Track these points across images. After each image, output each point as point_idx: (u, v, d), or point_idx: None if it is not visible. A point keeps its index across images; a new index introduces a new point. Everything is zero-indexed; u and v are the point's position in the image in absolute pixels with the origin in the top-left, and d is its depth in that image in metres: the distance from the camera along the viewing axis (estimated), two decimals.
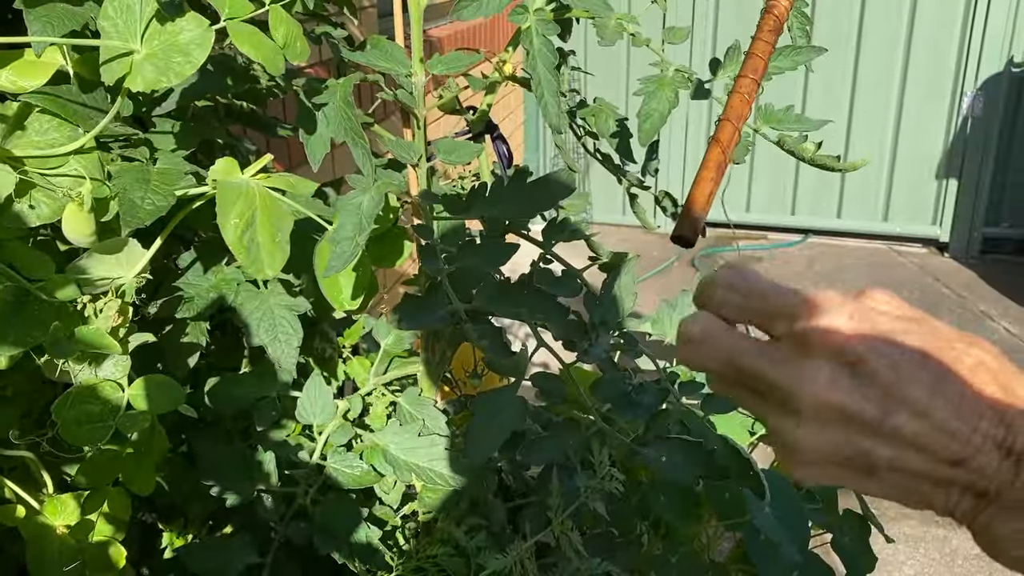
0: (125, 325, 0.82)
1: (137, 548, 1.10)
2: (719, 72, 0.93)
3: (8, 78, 0.77)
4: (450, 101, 0.98)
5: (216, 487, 0.98)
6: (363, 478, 0.97)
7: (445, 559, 0.88)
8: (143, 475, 0.87)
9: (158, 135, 0.92)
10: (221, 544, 1.00)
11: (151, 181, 0.82)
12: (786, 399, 0.38)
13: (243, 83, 1.00)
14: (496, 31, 3.78)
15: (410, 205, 1.06)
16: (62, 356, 0.76)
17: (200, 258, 0.98)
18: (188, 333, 0.97)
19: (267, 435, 1.05)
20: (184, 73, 0.72)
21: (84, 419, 0.76)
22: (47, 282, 0.79)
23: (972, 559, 2.25)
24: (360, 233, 0.73)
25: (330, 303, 1.09)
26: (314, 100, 0.84)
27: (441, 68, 0.85)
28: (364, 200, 0.74)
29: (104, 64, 0.74)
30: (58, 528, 0.92)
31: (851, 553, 1.36)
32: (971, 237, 4.17)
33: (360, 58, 0.83)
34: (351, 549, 0.96)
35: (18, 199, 0.75)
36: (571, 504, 0.89)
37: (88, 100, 0.82)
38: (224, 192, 0.79)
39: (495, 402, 0.87)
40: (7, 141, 0.76)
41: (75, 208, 0.77)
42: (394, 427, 0.99)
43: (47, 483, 0.94)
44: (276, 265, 0.82)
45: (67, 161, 0.80)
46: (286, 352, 0.93)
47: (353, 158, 0.83)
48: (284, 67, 0.77)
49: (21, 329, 0.75)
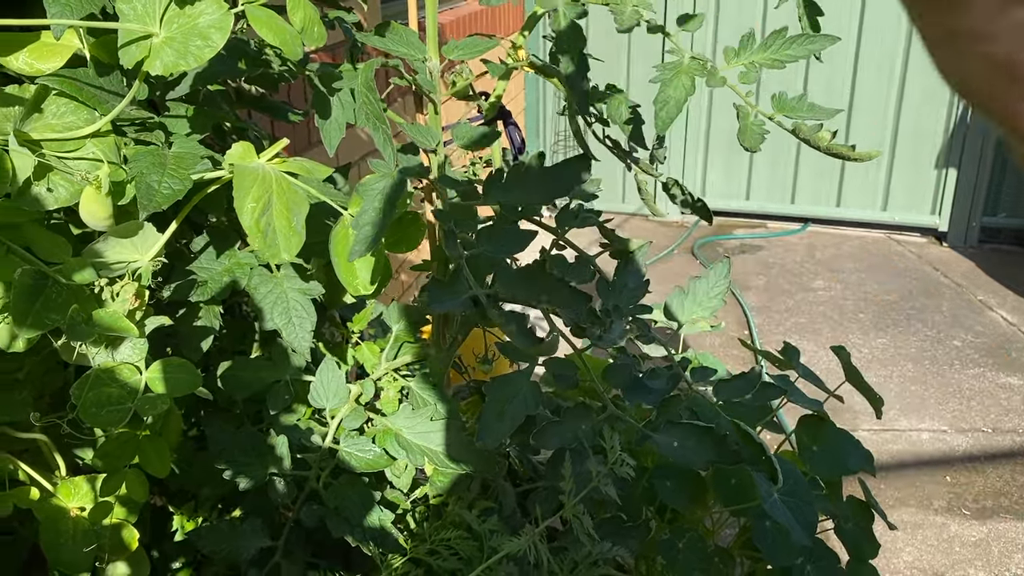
0: (142, 308, 0.82)
1: (148, 531, 1.11)
2: (732, 60, 0.93)
3: (26, 60, 0.77)
4: (463, 87, 0.98)
5: (229, 470, 0.98)
6: (375, 462, 0.97)
7: (459, 542, 0.89)
8: (159, 457, 0.88)
9: (172, 119, 0.92)
10: (233, 527, 1.01)
11: (167, 165, 0.82)
12: None
13: (256, 68, 1.00)
14: (497, 18, 3.76)
15: (421, 191, 1.06)
16: (80, 339, 0.76)
17: (213, 242, 0.99)
18: (201, 317, 0.98)
19: (278, 419, 1.06)
20: (203, 57, 0.72)
21: (103, 401, 0.76)
22: (64, 265, 0.79)
23: (969, 546, 2.27)
24: (383, 218, 0.73)
25: (343, 288, 1.10)
26: (334, 85, 0.83)
27: (458, 53, 0.85)
28: (387, 185, 0.75)
29: (123, 47, 0.74)
30: (72, 510, 0.93)
31: (854, 539, 1.37)
32: (969, 227, 4.19)
33: (377, 43, 0.83)
34: (364, 532, 0.96)
35: (36, 182, 0.76)
36: (583, 488, 0.90)
37: (104, 83, 0.82)
38: (241, 176, 0.80)
39: (509, 387, 0.87)
40: (25, 124, 0.76)
41: (92, 191, 0.77)
42: (406, 411, 1.00)
43: (60, 466, 0.95)
44: (292, 249, 0.83)
45: (84, 144, 0.80)
46: (300, 336, 0.93)
47: (355, 145, 0.83)
48: (302, 52, 0.77)
49: (40, 312, 0.75)
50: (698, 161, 4.52)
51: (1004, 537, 2.29)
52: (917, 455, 2.62)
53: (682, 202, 1.15)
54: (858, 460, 1.29)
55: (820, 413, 1.27)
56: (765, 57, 0.89)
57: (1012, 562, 2.22)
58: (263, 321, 0.95)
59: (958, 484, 2.50)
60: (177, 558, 1.17)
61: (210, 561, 1.13)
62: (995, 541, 2.28)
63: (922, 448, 2.65)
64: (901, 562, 2.24)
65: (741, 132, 0.87)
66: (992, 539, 2.29)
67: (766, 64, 0.89)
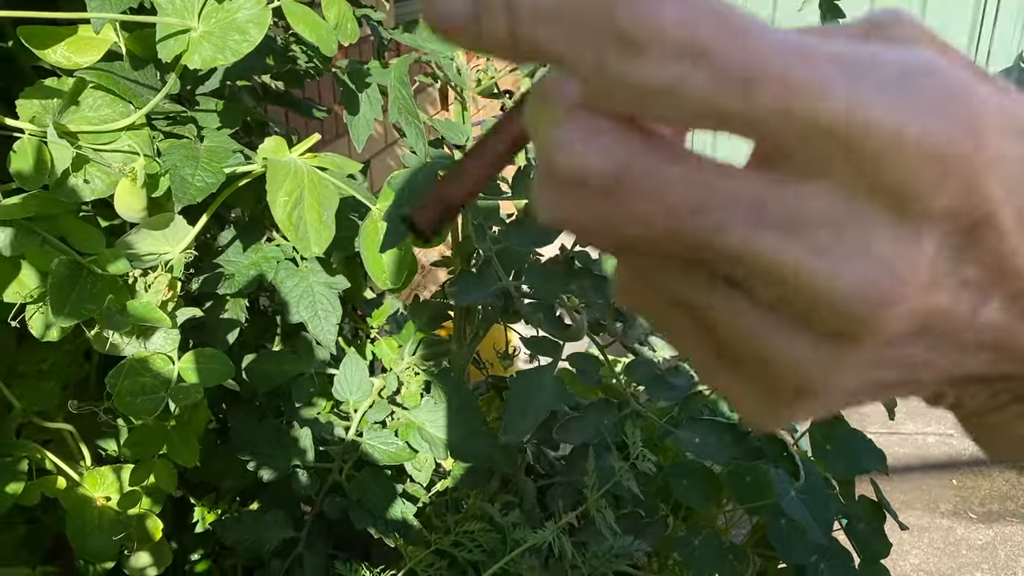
0: (174, 300, 0.83)
1: (169, 522, 1.12)
2: None
3: (64, 54, 0.78)
4: (488, 85, 0.99)
5: (252, 462, 0.99)
6: (398, 454, 0.98)
7: (482, 534, 0.90)
8: (187, 447, 0.89)
9: (202, 113, 0.93)
10: (255, 519, 1.02)
11: (200, 159, 0.83)
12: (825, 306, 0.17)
13: (283, 64, 1.01)
14: None
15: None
16: (116, 328, 0.77)
17: (239, 236, 1.00)
18: (227, 310, 0.99)
19: (300, 412, 1.07)
20: (241, 51, 0.73)
21: (138, 391, 0.77)
22: (99, 256, 0.80)
23: (976, 549, 2.28)
24: None
25: (363, 283, 1.11)
26: (368, 80, 0.84)
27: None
28: (419, 178, 0.76)
29: (161, 41, 0.75)
30: (98, 499, 0.94)
31: (865, 539, 1.38)
32: None
33: (408, 40, 0.84)
34: (387, 524, 0.97)
35: (73, 173, 0.77)
36: (605, 483, 0.91)
37: (139, 77, 0.83)
38: (274, 170, 0.81)
39: (533, 382, 0.88)
40: (62, 116, 0.77)
41: (128, 183, 0.78)
42: (429, 405, 1.01)
43: (85, 455, 0.96)
44: (323, 243, 0.83)
45: (119, 137, 0.81)
46: (326, 329, 0.94)
47: (372, 136, 0.84)
48: (337, 47, 0.78)
49: (76, 301, 0.76)
50: None
51: (1011, 541, 2.30)
52: (924, 458, 2.63)
53: None
54: (872, 460, 1.29)
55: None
56: None
57: (1018, 565, 2.23)
58: (289, 314, 0.96)
59: (964, 487, 2.51)
60: (196, 549, 1.18)
61: (229, 552, 1.14)
62: (1001, 544, 2.29)
63: (928, 451, 2.66)
64: (908, 564, 2.25)
65: None
66: (999, 542, 2.30)
67: None
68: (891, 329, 0.17)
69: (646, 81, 0.16)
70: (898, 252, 0.17)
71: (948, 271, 0.17)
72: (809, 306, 0.17)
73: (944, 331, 0.18)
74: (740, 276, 0.18)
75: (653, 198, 0.17)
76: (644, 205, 0.17)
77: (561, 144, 0.17)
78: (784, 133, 0.17)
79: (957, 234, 0.17)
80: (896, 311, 0.17)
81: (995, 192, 0.17)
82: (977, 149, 0.16)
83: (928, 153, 0.16)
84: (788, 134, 0.17)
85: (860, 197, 0.17)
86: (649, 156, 0.17)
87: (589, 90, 0.17)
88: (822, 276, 0.17)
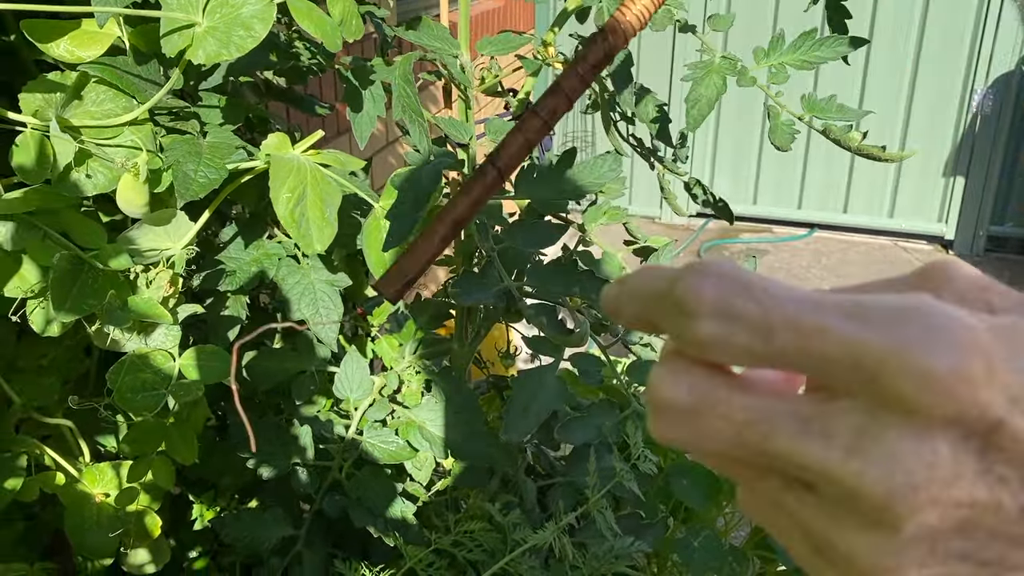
0: (175, 296, 0.83)
1: (168, 519, 1.12)
2: (761, 60, 0.94)
3: (67, 48, 0.78)
4: (492, 83, 0.98)
5: (252, 459, 0.99)
6: (398, 453, 0.98)
7: (482, 534, 0.90)
8: (186, 444, 0.89)
9: (205, 109, 0.92)
10: (255, 516, 1.01)
11: (203, 154, 0.83)
12: (864, 501, 0.21)
13: (286, 60, 1.01)
14: (508, 16, 3.78)
15: (447, 186, 1.07)
16: (116, 324, 0.77)
17: (241, 232, 0.99)
18: (228, 307, 0.98)
19: (300, 410, 1.06)
20: (246, 47, 0.73)
21: (138, 387, 0.77)
22: (100, 251, 0.79)
23: None
24: (418, 209, 0.74)
25: (364, 281, 1.10)
26: (372, 77, 0.84)
27: (491, 49, 0.86)
28: (422, 177, 0.75)
29: (165, 36, 0.75)
30: (97, 496, 0.93)
31: None
32: (976, 235, 4.19)
33: (412, 37, 0.83)
34: (386, 523, 0.97)
35: (76, 168, 0.76)
36: (607, 483, 0.90)
37: (142, 72, 0.83)
38: (277, 166, 0.80)
39: (535, 381, 0.88)
40: (65, 110, 0.77)
41: (130, 178, 0.78)
42: (429, 404, 1.00)
43: (84, 452, 0.96)
44: (325, 240, 0.83)
45: (121, 132, 0.80)
46: (327, 326, 0.94)
47: (372, 134, 0.84)
48: (341, 44, 0.78)
49: (77, 297, 0.76)
50: (705, 165, 4.53)
51: None
52: None
53: (703, 202, 1.16)
54: None
55: None
56: (794, 58, 0.89)
57: None
58: (290, 312, 0.96)
59: None
60: (195, 546, 1.18)
61: (228, 550, 1.13)
62: None
63: None
64: None
65: (772, 131, 0.88)
66: None
67: (795, 65, 0.90)
68: (920, 516, 0.21)
69: (700, 337, 0.22)
70: (911, 451, 0.21)
71: (978, 469, 0.21)
72: (852, 499, 0.21)
73: (995, 526, 0.21)
74: (810, 479, 0.23)
75: (721, 419, 0.23)
76: (715, 424, 0.23)
77: (655, 380, 0.24)
78: (806, 367, 0.22)
79: (977, 437, 0.21)
80: (916, 500, 0.21)
81: (993, 400, 0.20)
82: (959, 367, 0.20)
83: (914, 371, 0.20)
84: (809, 367, 0.22)
85: (877, 409, 0.21)
86: (721, 389, 0.23)
87: (676, 342, 0.24)
88: (854, 473, 0.21)
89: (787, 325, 0.22)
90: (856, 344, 0.21)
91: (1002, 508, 0.21)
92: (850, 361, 0.21)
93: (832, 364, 0.21)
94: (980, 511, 0.21)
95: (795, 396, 0.23)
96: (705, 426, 0.23)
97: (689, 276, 0.23)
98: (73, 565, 1.01)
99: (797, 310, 0.22)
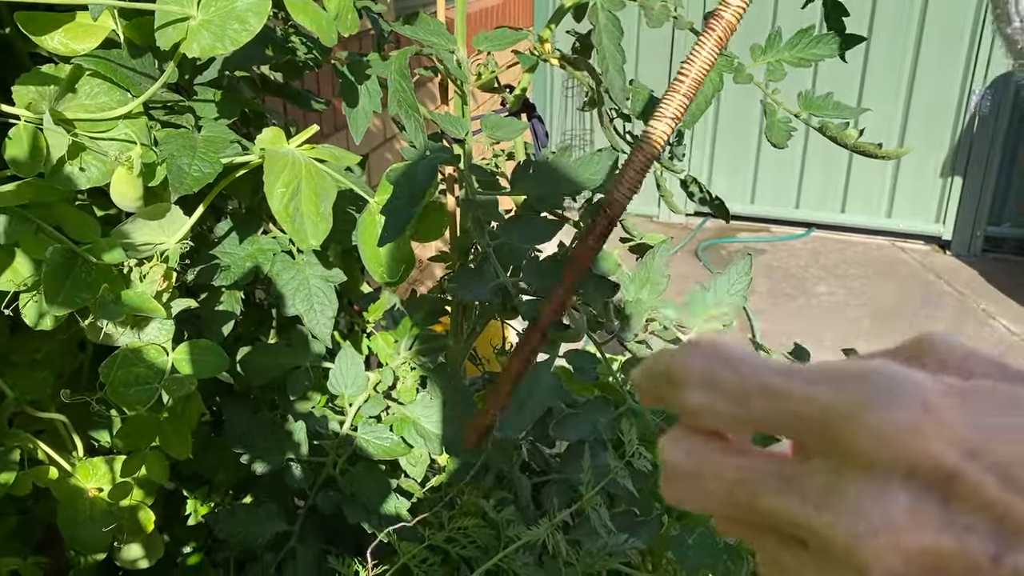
0: (169, 290, 0.83)
1: (162, 514, 1.11)
2: (759, 58, 0.93)
3: (61, 40, 0.77)
4: (489, 79, 0.98)
5: (246, 455, 0.99)
6: (393, 449, 0.98)
7: (476, 530, 0.89)
8: (180, 439, 0.88)
9: (200, 103, 0.92)
10: (249, 512, 1.01)
11: (197, 148, 0.82)
12: (837, 552, 0.23)
13: (282, 55, 1.01)
14: (508, 14, 3.77)
15: (443, 182, 1.06)
16: (110, 318, 0.77)
17: (236, 228, 0.99)
18: (223, 302, 0.98)
19: (295, 406, 1.06)
20: (240, 40, 0.72)
21: (131, 381, 0.77)
22: (94, 245, 0.79)
23: None
24: (412, 205, 0.73)
25: (360, 277, 1.10)
26: (368, 72, 0.84)
27: (487, 45, 0.85)
28: (417, 172, 0.75)
29: (159, 29, 0.74)
30: (90, 490, 0.93)
31: None
32: (974, 236, 4.20)
33: (408, 32, 0.83)
34: (380, 519, 0.97)
35: (69, 161, 0.76)
36: (601, 480, 0.90)
37: (137, 65, 0.82)
38: (272, 161, 0.80)
39: (531, 378, 0.88)
40: (59, 103, 0.77)
41: (124, 172, 0.78)
42: (424, 400, 1.00)
43: (78, 446, 0.95)
44: (320, 235, 0.83)
45: (115, 125, 0.80)
46: (322, 322, 0.93)
47: (369, 131, 0.84)
48: (336, 38, 0.77)
49: (70, 290, 0.75)
50: (703, 164, 4.53)
51: None
52: None
53: (700, 200, 1.15)
54: None
55: None
56: (791, 55, 0.89)
57: None
58: (284, 307, 0.96)
59: None
60: (189, 542, 1.18)
61: (222, 546, 1.13)
62: None
63: None
64: None
65: (768, 128, 0.88)
66: None
67: (792, 62, 0.90)
68: (884, 562, 0.22)
69: (690, 406, 0.25)
70: (872, 501, 0.22)
71: (942, 519, 0.22)
72: (828, 551, 0.23)
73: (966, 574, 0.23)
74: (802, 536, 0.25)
75: (715, 479, 0.26)
76: (711, 484, 0.26)
77: (661, 445, 0.27)
78: (782, 429, 0.24)
79: (937, 488, 0.22)
80: (877, 545, 0.22)
81: (945, 452, 0.22)
82: (908, 420, 0.22)
83: (869, 426, 0.22)
84: (784, 429, 0.24)
85: (843, 466, 0.23)
86: (715, 453, 0.26)
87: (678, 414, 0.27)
88: (826, 525, 0.23)
89: (760, 391, 0.24)
90: (816, 403, 0.23)
91: (970, 555, 0.22)
92: (816, 421, 0.23)
93: (801, 423, 0.24)
94: (949, 559, 0.22)
95: (782, 458, 0.25)
96: (703, 487, 0.26)
97: (681, 352, 0.26)
98: (66, 560, 1.00)
99: (769, 377, 0.24)
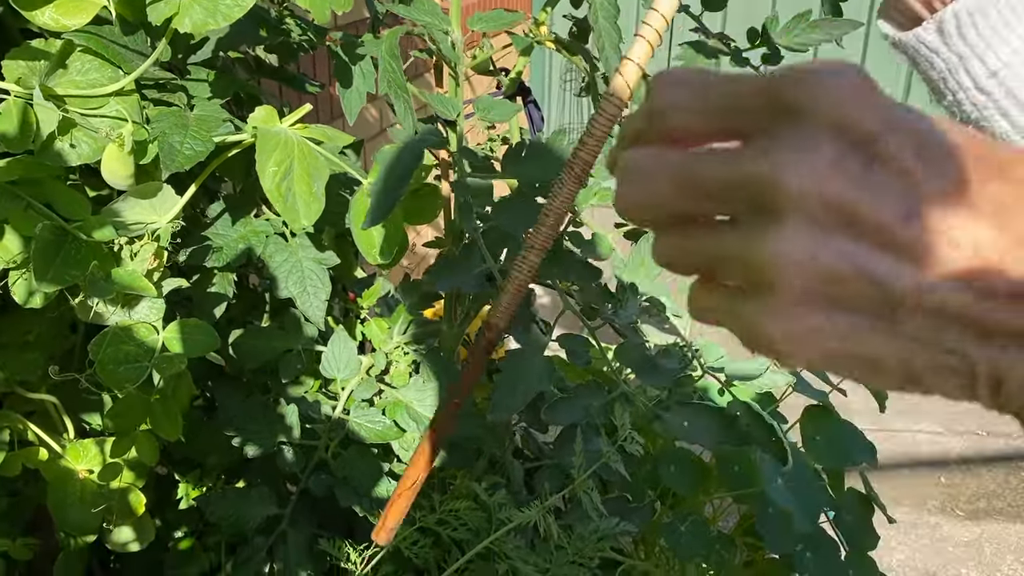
0: (160, 269, 0.82)
1: (153, 497, 1.11)
2: (755, 43, 0.93)
3: (52, 16, 0.76)
4: (484, 62, 0.98)
5: (238, 438, 0.98)
6: (385, 433, 0.97)
7: (467, 513, 0.89)
8: (170, 421, 0.88)
9: (193, 83, 0.91)
10: (240, 495, 1.01)
11: (189, 127, 0.82)
12: (762, 196, 0.25)
13: (276, 36, 1.00)
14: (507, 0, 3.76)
15: (438, 167, 1.06)
16: (100, 295, 0.76)
17: (228, 209, 0.99)
18: (215, 283, 0.97)
19: (287, 389, 1.06)
20: (233, 16, 0.72)
21: (121, 359, 0.76)
22: (84, 222, 0.79)
23: (962, 546, 2.29)
24: (401, 186, 0.73)
25: (353, 261, 1.10)
26: (359, 51, 0.83)
27: (482, 25, 0.85)
28: (405, 153, 0.75)
29: (151, 4, 0.74)
30: (80, 472, 0.93)
31: (853, 531, 1.38)
32: None
33: (402, 11, 0.83)
34: (372, 502, 0.96)
35: (60, 137, 0.75)
36: (592, 464, 0.90)
37: (129, 42, 0.82)
38: (264, 139, 0.79)
39: (522, 363, 0.87)
40: (50, 79, 0.76)
41: (115, 149, 0.77)
42: (417, 384, 1.00)
43: (68, 428, 0.95)
44: (312, 215, 0.82)
45: (107, 102, 0.79)
46: (314, 305, 0.93)
47: (361, 126, 0.83)
48: (329, 15, 0.77)
49: (60, 267, 0.75)
50: None
51: (997, 538, 2.31)
52: (912, 456, 2.63)
53: None
54: (862, 452, 1.29)
55: (825, 403, 1.28)
56: (788, 40, 0.89)
57: (1004, 563, 2.23)
58: (277, 290, 0.95)
59: (952, 485, 2.51)
60: (180, 526, 1.17)
61: (213, 529, 1.13)
62: (988, 542, 2.30)
63: (917, 449, 2.66)
64: (894, 560, 2.25)
65: None
66: (985, 540, 2.30)
67: (789, 47, 0.89)
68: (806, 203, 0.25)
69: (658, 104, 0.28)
70: (799, 150, 0.25)
71: (863, 176, 0.25)
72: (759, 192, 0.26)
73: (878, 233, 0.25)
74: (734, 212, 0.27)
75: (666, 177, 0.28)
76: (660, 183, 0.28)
77: (625, 157, 0.29)
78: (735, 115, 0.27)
79: (861, 149, 0.25)
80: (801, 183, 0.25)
81: (870, 117, 0.25)
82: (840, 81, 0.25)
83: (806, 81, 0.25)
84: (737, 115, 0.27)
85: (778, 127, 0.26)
86: (671, 154, 0.28)
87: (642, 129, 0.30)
88: (766, 166, 0.25)
89: (721, 79, 0.27)
90: (769, 79, 0.26)
91: (882, 212, 0.25)
92: (765, 93, 0.26)
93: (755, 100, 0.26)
94: (864, 216, 0.25)
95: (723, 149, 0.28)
96: (654, 186, 0.28)
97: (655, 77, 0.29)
98: (56, 541, 1.00)
99: (726, 75, 0.27)
